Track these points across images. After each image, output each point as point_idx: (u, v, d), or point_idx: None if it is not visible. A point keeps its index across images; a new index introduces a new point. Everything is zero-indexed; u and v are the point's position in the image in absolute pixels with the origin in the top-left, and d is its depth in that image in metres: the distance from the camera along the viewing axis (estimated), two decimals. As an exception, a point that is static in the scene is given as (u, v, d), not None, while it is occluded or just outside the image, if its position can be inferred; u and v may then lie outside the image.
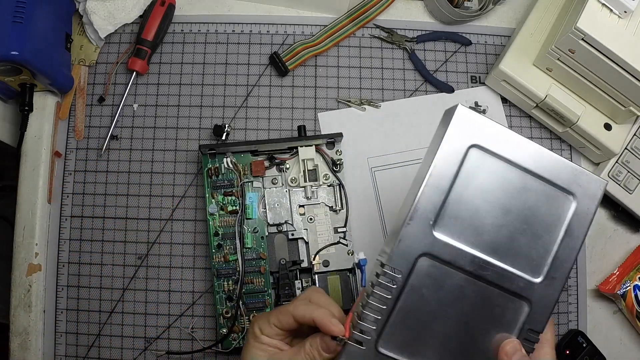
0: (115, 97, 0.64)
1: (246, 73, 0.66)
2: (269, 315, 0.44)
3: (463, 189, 0.41)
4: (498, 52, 0.68)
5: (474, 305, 0.41)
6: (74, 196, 0.62)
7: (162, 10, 0.63)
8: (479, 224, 0.41)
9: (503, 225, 0.41)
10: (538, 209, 0.42)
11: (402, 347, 0.41)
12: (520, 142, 0.42)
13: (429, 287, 0.41)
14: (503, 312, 0.42)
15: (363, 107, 0.65)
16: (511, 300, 0.42)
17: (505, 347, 0.41)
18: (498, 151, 0.41)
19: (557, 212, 0.42)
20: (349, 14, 0.66)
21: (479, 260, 0.41)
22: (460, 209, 0.41)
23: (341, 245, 0.59)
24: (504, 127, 0.42)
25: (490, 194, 0.41)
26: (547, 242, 0.42)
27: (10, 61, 0.53)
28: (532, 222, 0.42)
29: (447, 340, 0.41)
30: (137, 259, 0.61)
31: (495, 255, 0.41)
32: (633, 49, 0.54)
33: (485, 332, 0.42)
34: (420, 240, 0.40)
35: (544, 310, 0.42)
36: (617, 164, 0.64)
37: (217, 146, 0.59)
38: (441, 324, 0.41)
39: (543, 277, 0.42)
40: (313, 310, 0.42)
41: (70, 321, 0.60)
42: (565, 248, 0.42)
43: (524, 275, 0.41)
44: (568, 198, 0.42)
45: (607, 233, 0.66)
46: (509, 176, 0.42)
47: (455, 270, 0.41)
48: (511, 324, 0.42)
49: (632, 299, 0.61)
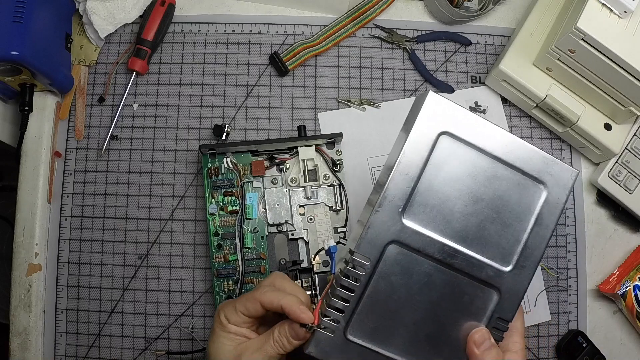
0: (115, 97, 0.64)
1: (246, 73, 0.66)
2: (235, 302, 0.43)
3: (433, 176, 0.41)
4: (498, 52, 0.68)
5: (443, 293, 0.41)
6: (74, 196, 0.62)
7: (162, 10, 0.63)
8: (449, 212, 0.41)
9: (473, 213, 0.41)
10: (508, 198, 0.42)
11: (371, 334, 0.41)
12: (491, 130, 0.42)
13: (398, 275, 0.41)
14: (472, 300, 0.42)
15: (363, 107, 0.65)
16: (480, 288, 0.42)
17: (474, 335, 0.41)
18: (469, 139, 0.41)
19: (528, 201, 0.42)
20: (349, 14, 0.66)
21: (448, 248, 0.41)
22: (430, 197, 0.41)
23: (341, 245, 0.59)
24: (475, 115, 0.42)
25: (460, 182, 0.41)
26: (517, 231, 0.42)
27: (10, 61, 0.53)
28: (502, 211, 0.42)
29: (416, 328, 0.42)
30: (137, 259, 0.61)
31: (465, 244, 0.41)
32: (633, 49, 0.54)
33: (455, 320, 0.42)
34: (388, 228, 0.40)
35: (514, 299, 0.42)
36: (617, 164, 0.64)
37: (217, 146, 0.59)
38: (410, 312, 0.41)
39: (513, 266, 0.42)
40: (281, 297, 0.41)
41: (70, 321, 0.60)
42: (536, 237, 0.42)
43: (494, 263, 0.41)
44: (539, 187, 0.42)
45: (607, 233, 0.66)
46: (480, 164, 0.41)
47: (424, 258, 0.41)
48: (480, 312, 0.42)
49: (632, 299, 0.61)
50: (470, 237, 0.41)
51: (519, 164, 0.42)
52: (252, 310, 0.42)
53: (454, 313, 0.42)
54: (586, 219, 0.65)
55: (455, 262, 0.41)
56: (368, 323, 0.41)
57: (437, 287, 0.41)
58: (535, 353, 0.62)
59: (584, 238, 0.65)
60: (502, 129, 0.42)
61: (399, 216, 0.40)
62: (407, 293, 0.41)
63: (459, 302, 0.42)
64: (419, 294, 0.41)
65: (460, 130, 0.41)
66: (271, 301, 0.41)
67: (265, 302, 0.42)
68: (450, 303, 0.42)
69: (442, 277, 0.41)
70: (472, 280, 0.41)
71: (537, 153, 0.42)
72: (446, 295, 0.41)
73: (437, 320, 0.42)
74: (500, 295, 0.42)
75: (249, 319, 0.43)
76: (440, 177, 0.41)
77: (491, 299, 0.42)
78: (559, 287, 0.63)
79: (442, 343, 0.42)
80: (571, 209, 0.66)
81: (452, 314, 0.42)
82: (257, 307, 0.42)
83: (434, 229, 0.41)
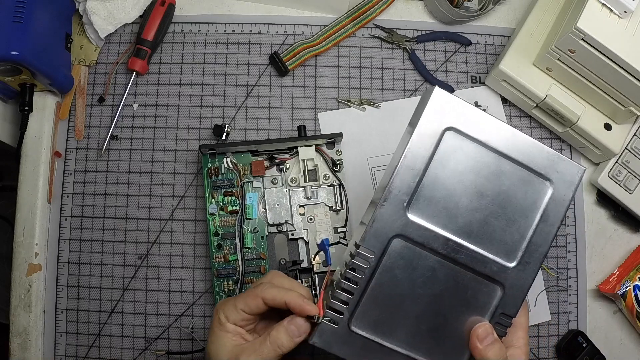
0: (115, 97, 0.64)
1: (246, 73, 0.66)
2: (235, 300, 0.43)
3: (438, 171, 0.41)
4: (498, 52, 0.68)
5: (447, 287, 0.42)
6: (74, 196, 0.62)
7: (162, 10, 0.63)
8: (454, 207, 0.41)
9: (478, 208, 0.41)
10: (514, 194, 0.42)
11: (375, 326, 0.42)
12: (497, 126, 0.42)
13: (402, 268, 0.41)
14: (476, 295, 0.42)
15: (363, 107, 0.65)
16: (484, 283, 0.42)
17: (477, 330, 0.41)
18: (474, 134, 0.41)
19: (533, 197, 0.42)
20: (349, 14, 0.66)
21: (453, 243, 0.41)
22: (435, 192, 0.41)
23: (341, 245, 0.59)
24: (481, 111, 0.41)
25: (465, 177, 0.41)
26: (522, 227, 0.42)
27: (10, 61, 0.53)
28: (507, 207, 0.42)
29: (419, 321, 0.42)
30: (137, 259, 0.61)
31: (469, 239, 0.41)
32: (633, 49, 0.54)
33: (458, 314, 0.42)
34: (393, 222, 0.41)
35: (518, 295, 0.42)
36: (617, 164, 0.64)
37: (217, 146, 0.59)
38: (413, 305, 0.41)
39: (517, 262, 0.42)
40: (284, 293, 0.42)
41: (70, 321, 0.60)
42: (541, 234, 0.42)
43: (498, 259, 0.41)
44: (545, 183, 0.42)
45: (607, 233, 0.66)
46: (485, 160, 0.41)
47: (428, 252, 0.41)
48: (484, 307, 0.42)
49: (632, 299, 0.61)
50: (475, 233, 0.41)
51: (525, 160, 0.42)
52: (254, 307, 0.42)
53: (458, 307, 0.42)
54: (586, 219, 0.65)
55: (459, 257, 0.41)
56: (372, 315, 0.41)
57: (440, 281, 0.41)
58: (535, 353, 0.62)
59: (584, 238, 0.65)
60: (507, 125, 0.42)
61: (403, 210, 0.41)
62: (411, 286, 0.41)
63: (462, 296, 0.42)
64: (422, 288, 0.41)
65: (466, 126, 0.41)
66: (274, 297, 0.42)
67: (268, 298, 0.42)
68: (453, 297, 0.42)
69: (445, 272, 0.41)
70: (475, 276, 0.42)
71: (543, 149, 0.42)
72: (450, 289, 0.42)
73: (441, 314, 0.42)
74: (504, 291, 0.42)
75: (250, 317, 0.43)
76: (446, 172, 0.41)
77: (495, 294, 0.42)
78: (559, 287, 0.63)
79: (445, 337, 0.42)
80: (571, 209, 0.66)
81: (456, 308, 0.42)
82: (259, 303, 0.42)
83: (438, 223, 0.41)
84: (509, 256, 0.42)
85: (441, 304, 0.42)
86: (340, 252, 0.59)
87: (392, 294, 0.41)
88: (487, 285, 0.42)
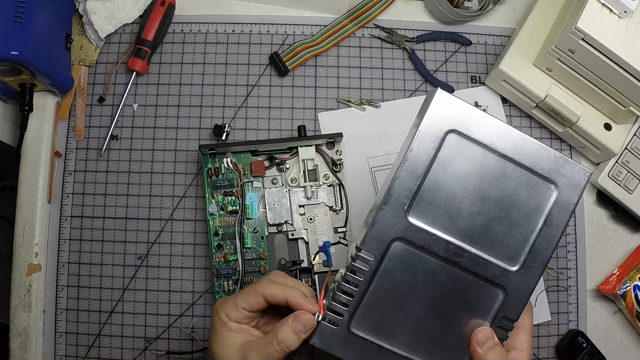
0: (115, 97, 0.64)
1: (246, 73, 0.66)
2: (235, 298, 0.43)
3: (440, 174, 0.41)
4: (498, 52, 0.68)
5: (448, 290, 0.41)
6: (74, 196, 0.62)
7: (162, 10, 0.63)
8: (455, 210, 0.41)
9: (480, 212, 0.41)
10: (517, 197, 0.41)
11: (375, 328, 0.42)
12: (500, 128, 0.41)
13: (402, 271, 0.41)
14: (477, 298, 0.42)
15: (363, 107, 0.65)
16: (486, 287, 0.41)
17: (477, 334, 0.41)
18: (477, 137, 0.41)
19: (537, 200, 0.41)
20: (349, 14, 0.66)
21: (454, 246, 0.41)
22: (436, 195, 0.41)
23: (341, 245, 0.59)
24: (484, 113, 0.41)
25: (467, 180, 0.41)
26: (526, 231, 0.41)
27: (10, 61, 0.53)
28: (510, 210, 0.41)
29: (419, 324, 0.42)
30: (137, 259, 0.61)
31: (471, 242, 0.41)
32: (633, 49, 0.54)
33: (459, 317, 0.42)
34: (394, 225, 0.40)
35: (520, 299, 0.42)
36: (617, 164, 0.64)
37: (217, 146, 0.59)
38: (414, 308, 0.41)
39: (520, 266, 0.41)
40: (286, 290, 0.42)
41: (70, 321, 0.60)
42: (544, 238, 0.41)
43: (500, 263, 0.41)
44: (549, 187, 0.41)
45: (607, 233, 0.66)
46: (488, 162, 0.41)
47: (429, 255, 0.41)
48: (485, 310, 0.42)
49: (632, 299, 0.61)
50: (477, 236, 0.41)
51: (529, 162, 0.41)
52: (255, 304, 0.42)
53: (458, 310, 0.42)
54: (586, 219, 0.65)
55: (460, 261, 0.41)
56: (372, 317, 0.41)
57: (441, 284, 0.41)
58: (535, 353, 0.62)
59: (584, 238, 0.65)
60: (511, 127, 0.41)
61: (404, 214, 0.40)
62: (411, 289, 0.41)
63: (463, 299, 0.42)
64: (422, 291, 0.41)
65: (469, 128, 0.41)
66: (275, 294, 0.42)
67: (269, 295, 0.42)
68: (454, 300, 0.42)
69: (446, 275, 0.41)
70: (477, 279, 0.41)
71: (548, 152, 0.41)
72: (450, 292, 0.41)
73: (441, 317, 0.42)
74: (506, 295, 0.41)
75: (251, 314, 0.43)
76: (447, 175, 0.41)
77: (497, 298, 0.42)
78: (559, 287, 0.63)
79: (445, 340, 0.42)
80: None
81: (456, 312, 0.42)
82: (260, 299, 0.42)
83: (439, 227, 0.41)
84: (512, 260, 0.41)
85: (442, 306, 0.42)
86: (340, 252, 0.59)
87: (392, 296, 0.41)
88: (488, 289, 0.41)
